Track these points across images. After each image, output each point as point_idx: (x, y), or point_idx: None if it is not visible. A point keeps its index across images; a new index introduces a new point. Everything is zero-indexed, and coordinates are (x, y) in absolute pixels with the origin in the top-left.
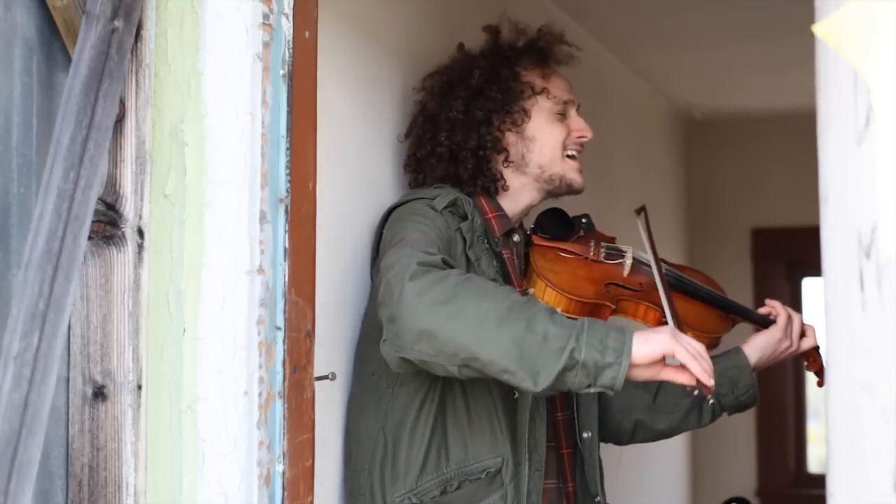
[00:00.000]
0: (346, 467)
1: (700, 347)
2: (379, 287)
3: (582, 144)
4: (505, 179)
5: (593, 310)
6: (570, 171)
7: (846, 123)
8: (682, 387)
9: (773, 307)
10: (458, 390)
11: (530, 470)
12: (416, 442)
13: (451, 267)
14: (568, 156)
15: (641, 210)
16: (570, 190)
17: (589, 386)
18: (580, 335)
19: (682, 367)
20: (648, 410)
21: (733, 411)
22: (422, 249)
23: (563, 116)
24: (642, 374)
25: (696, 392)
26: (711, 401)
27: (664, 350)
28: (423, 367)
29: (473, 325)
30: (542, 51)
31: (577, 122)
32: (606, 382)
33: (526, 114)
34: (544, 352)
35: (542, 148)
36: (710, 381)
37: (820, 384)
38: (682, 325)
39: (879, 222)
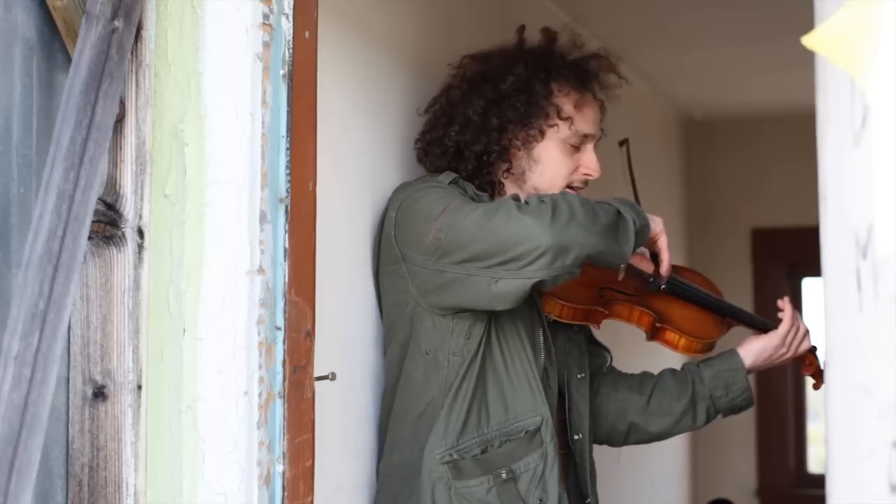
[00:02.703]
0: (391, 453)
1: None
2: (441, 247)
3: (586, 182)
4: (503, 185)
5: (587, 315)
6: None
7: (843, 124)
8: (644, 276)
9: (784, 311)
10: (498, 353)
11: (552, 439)
12: (458, 404)
13: None
14: (569, 187)
15: (624, 142)
16: None
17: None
18: (625, 210)
19: (646, 257)
20: (642, 413)
21: (728, 413)
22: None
23: (576, 149)
24: None
25: (651, 280)
26: (663, 287)
27: (659, 230)
28: (549, 283)
29: (589, 232)
30: (588, 73)
31: (588, 159)
32: (641, 241)
33: (541, 134)
34: (623, 232)
35: (542, 173)
36: (666, 273)
37: (816, 387)
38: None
39: (875, 222)
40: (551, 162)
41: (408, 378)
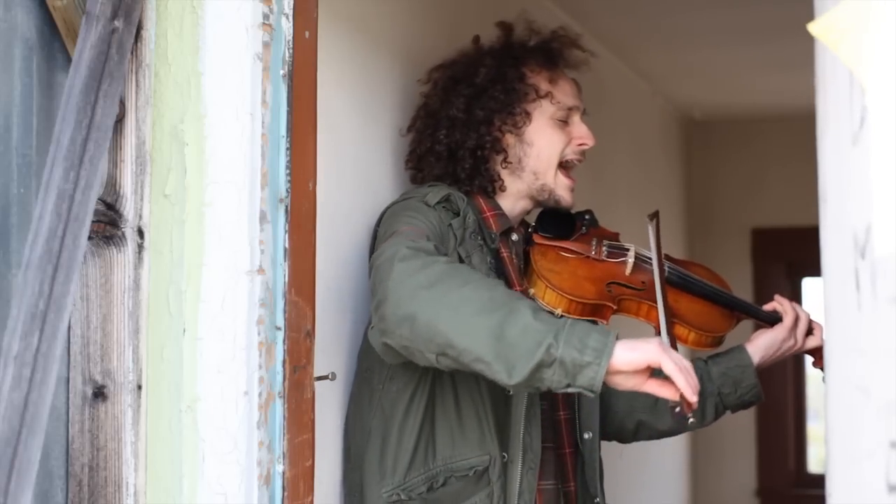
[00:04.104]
0: (345, 465)
1: (688, 364)
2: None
3: (583, 152)
4: (503, 180)
5: (594, 311)
6: (561, 188)
7: (842, 124)
8: (665, 402)
9: (781, 304)
10: (449, 387)
11: (523, 468)
12: (406, 437)
13: (443, 254)
14: (564, 165)
15: (655, 216)
16: (558, 206)
17: (568, 385)
18: (560, 332)
19: (668, 380)
20: (651, 411)
21: (736, 409)
22: (412, 238)
23: (565, 123)
24: (625, 383)
25: (677, 409)
26: (692, 420)
27: (649, 359)
28: (406, 355)
29: (452, 311)
30: (553, 52)
31: (579, 129)
32: (585, 383)
33: (528, 116)
34: (521, 345)
35: (539, 154)
36: (693, 398)
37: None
38: (674, 340)
39: (874, 222)
40: (544, 141)
41: (352, 394)
